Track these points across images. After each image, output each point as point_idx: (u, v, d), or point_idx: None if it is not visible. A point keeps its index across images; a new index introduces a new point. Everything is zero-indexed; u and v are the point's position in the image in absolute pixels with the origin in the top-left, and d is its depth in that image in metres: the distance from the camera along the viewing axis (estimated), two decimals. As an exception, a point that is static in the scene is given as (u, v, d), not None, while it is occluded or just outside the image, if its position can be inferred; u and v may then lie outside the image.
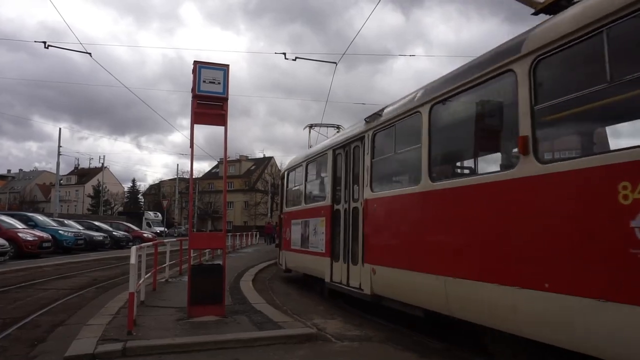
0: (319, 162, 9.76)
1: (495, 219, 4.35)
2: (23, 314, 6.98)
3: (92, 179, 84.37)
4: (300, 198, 10.69)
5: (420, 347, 5.42)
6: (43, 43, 14.67)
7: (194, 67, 6.52)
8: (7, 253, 15.41)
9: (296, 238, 10.41)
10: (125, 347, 4.85)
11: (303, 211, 10.14)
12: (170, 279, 10.27)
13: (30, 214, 25.43)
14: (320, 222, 8.93)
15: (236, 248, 24.42)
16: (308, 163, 10.31)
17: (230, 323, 6.14)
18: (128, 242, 26.37)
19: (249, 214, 71.34)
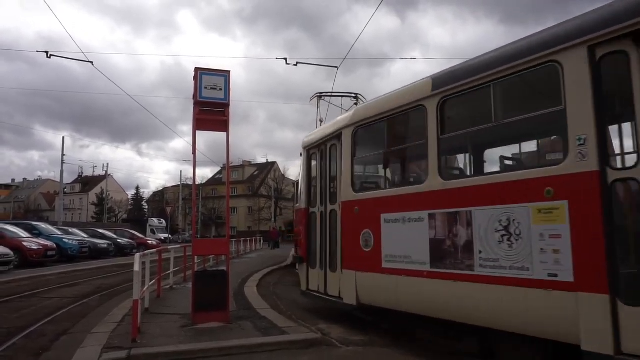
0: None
1: None
2: (28, 323, 6.98)
3: (95, 187, 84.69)
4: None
5: (425, 352, 5.39)
6: (45, 53, 14.78)
7: (195, 74, 6.53)
8: (12, 262, 15.44)
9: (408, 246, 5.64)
10: (129, 355, 4.84)
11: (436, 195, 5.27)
12: (174, 286, 10.25)
13: (34, 222, 25.53)
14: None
15: (240, 254, 24.40)
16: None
17: (234, 329, 6.12)
18: (132, 249, 26.40)
19: (253, 219, 71.39)
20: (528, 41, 4.52)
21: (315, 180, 7.95)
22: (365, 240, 6.25)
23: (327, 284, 7.30)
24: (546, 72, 4.24)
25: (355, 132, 6.69)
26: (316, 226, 7.73)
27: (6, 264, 15.01)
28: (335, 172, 7.35)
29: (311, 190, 8.16)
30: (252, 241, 30.63)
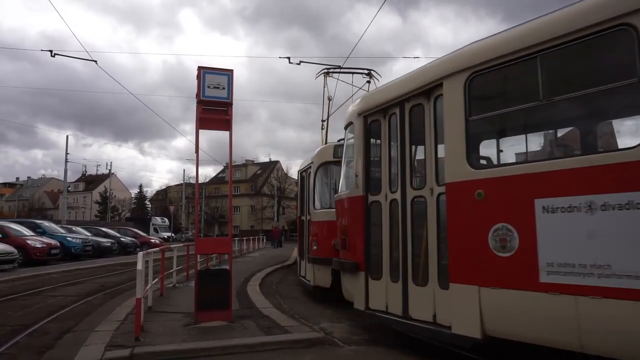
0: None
1: None
2: (31, 321, 7.01)
3: (99, 186, 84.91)
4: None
5: (427, 351, 5.37)
6: (50, 52, 14.85)
7: (198, 73, 6.54)
8: (16, 260, 15.49)
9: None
10: (132, 354, 4.85)
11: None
12: (177, 284, 10.27)
13: (38, 221, 25.62)
14: None
15: (243, 253, 24.43)
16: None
17: (237, 328, 6.13)
18: (135, 247, 26.44)
19: (256, 218, 71.44)
20: None
21: (382, 157, 6.01)
22: (501, 239, 4.27)
23: (410, 303, 5.34)
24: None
25: (471, 81, 4.70)
26: (383, 220, 5.82)
27: (10, 262, 15.06)
28: (419, 143, 5.58)
29: (370, 173, 6.25)
30: (254, 240, 30.64)
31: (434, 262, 5.01)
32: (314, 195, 9.28)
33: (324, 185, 9.32)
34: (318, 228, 8.92)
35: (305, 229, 10.02)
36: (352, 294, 6.40)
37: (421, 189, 5.34)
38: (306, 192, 10.05)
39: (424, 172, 5.43)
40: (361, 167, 6.27)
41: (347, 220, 6.52)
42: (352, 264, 6.27)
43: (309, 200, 9.73)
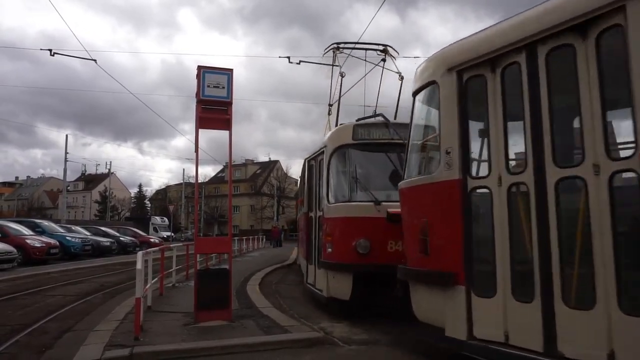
0: None
1: None
2: (31, 320, 7.00)
3: (99, 185, 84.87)
4: None
5: (428, 351, 5.37)
6: (49, 50, 14.82)
7: (198, 72, 6.53)
8: (15, 259, 15.48)
9: None
10: (132, 353, 4.85)
11: None
12: (177, 284, 10.26)
13: (37, 220, 25.60)
14: None
15: (242, 252, 24.42)
16: None
17: (237, 327, 6.13)
18: (135, 247, 26.42)
19: (256, 218, 71.46)
20: None
21: (490, 125, 4.42)
22: None
23: (558, 333, 3.68)
24: None
25: None
26: (496, 213, 4.25)
27: (9, 261, 15.05)
28: (563, 102, 4.06)
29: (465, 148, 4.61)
30: (254, 240, 30.64)
31: (607, 274, 3.37)
32: (327, 186, 7.64)
33: (340, 175, 7.68)
34: (334, 226, 7.30)
35: (315, 227, 8.49)
36: (440, 316, 4.66)
37: (575, 166, 3.74)
38: (315, 184, 8.55)
39: (578, 142, 3.82)
40: (456, 139, 4.55)
41: (429, 215, 4.80)
42: (440, 274, 4.60)
43: (319, 193, 8.21)
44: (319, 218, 8.10)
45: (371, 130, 7.63)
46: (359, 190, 7.26)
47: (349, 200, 7.26)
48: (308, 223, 9.12)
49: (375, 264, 6.63)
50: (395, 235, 6.38)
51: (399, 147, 7.00)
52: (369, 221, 6.88)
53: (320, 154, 8.30)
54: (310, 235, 8.92)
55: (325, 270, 7.44)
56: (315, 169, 8.72)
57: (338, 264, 7.06)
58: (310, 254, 8.89)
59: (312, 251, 8.62)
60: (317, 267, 8.13)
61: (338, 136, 7.87)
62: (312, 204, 8.88)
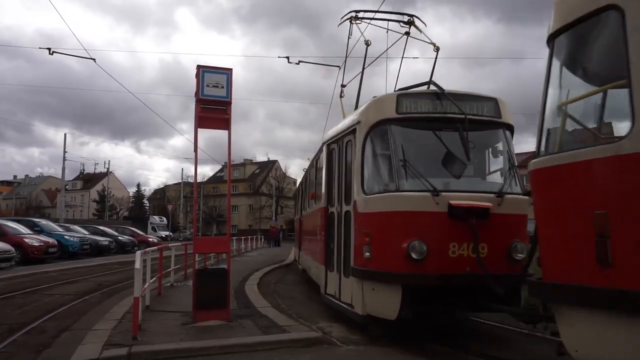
0: None
1: None
2: (29, 319, 6.99)
3: (97, 184, 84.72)
4: None
5: (425, 351, 5.38)
6: (48, 49, 14.78)
7: (197, 72, 6.52)
8: (13, 258, 15.46)
9: None
10: (130, 353, 4.84)
11: None
12: (175, 283, 10.25)
13: (36, 219, 25.56)
14: None
15: (241, 252, 24.41)
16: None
17: (235, 327, 6.12)
18: (133, 246, 26.40)
19: (254, 218, 71.44)
20: None
21: None
22: None
23: None
24: None
25: None
26: None
27: (7, 260, 15.03)
28: None
29: None
30: (253, 239, 30.63)
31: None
32: (361, 173, 6.09)
33: (381, 158, 6.13)
34: (375, 224, 5.76)
35: (338, 225, 6.95)
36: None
37: None
38: (340, 172, 7.04)
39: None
40: None
41: (611, 205, 3.26)
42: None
43: (346, 182, 6.74)
44: (346, 214, 6.64)
45: (420, 102, 6.04)
46: (409, 177, 5.63)
47: (397, 190, 5.62)
48: (327, 220, 7.47)
49: (433, 274, 5.24)
50: (458, 235, 5.27)
51: (456, 124, 5.76)
52: (424, 217, 5.39)
53: (348, 134, 6.70)
54: (329, 235, 7.34)
55: (359, 280, 5.89)
56: (339, 154, 7.13)
57: (381, 272, 5.53)
58: (329, 259, 7.32)
59: (334, 255, 7.04)
60: (342, 275, 6.65)
61: (377, 109, 6.16)
62: (332, 196, 7.28)
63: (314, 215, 9.17)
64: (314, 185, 9.82)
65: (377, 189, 5.99)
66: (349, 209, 6.52)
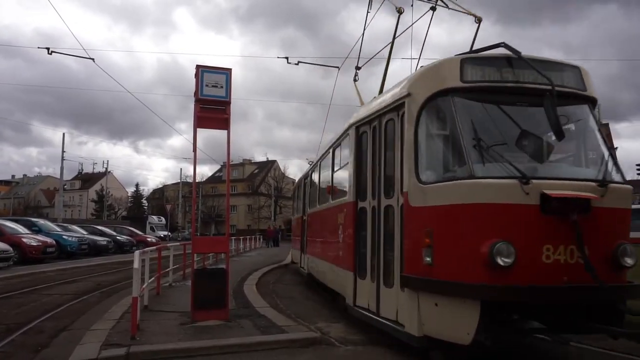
0: None
1: None
2: (27, 319, 6.97)
3: (95, 184, 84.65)
4: None
5: (425, 352, 5.37)
6: (47, 49, 14.76)
7: (197, 71, 6.52)
8: (11, 258, 15.42)
9: None
10: (128, 353, 4.84)
11: None
12: (173, 283, 10.25)
13: (34, 219, 25.52)
14: None
15: (240, 252, 24.40)
16: None
17: (234, 327, 6.12)
18: (132, 246, 26.38)
19: (253, 218, 71.45)
20: None
21: None
22: None
23: None
24: None
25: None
26: None
27: (5, 260, 14.99)
28: None
29: None
30: (251, 239, 30.62)
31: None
32: (415, 158, 4.86)
33: (441, 138, 5.04)
34: (439, 221, 4.56)
35: (372, 224, 5.89)
36: None
37: None
38: (373, 159, 5.97)
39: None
40: None
41: None
42: None
43: (385, 171, 5.67)
44: (387, 209, 5.54)
45: (489, 68, 4.83)
46: (485, 160, 4.46)
47: (471, 177, 4.33)
48: (355, 218, 6.39)
49: (522, 286, 4.08)
50: (553, 235, 4.17)
51: (537, 96, 4.52)
52: (510, 211, 4.20)
53: (388, 111, 5.61)
54: (360, 235, 6.27)
55: (414, 292, 4.73)
56: (375, 137, 5.99)
57: (450, 283, 4.33)
58: (360, 264, 6.22)
59: (367, 259, 5.97)
60: (382, 284, 5.56)
61: (435, 78, 4.94)
62: (364, 189, 6.19)
63: (331, 213, 7.91)
64: (329, 178, 8.56)
65: (439, 176, 4.76)
66: (390, 203, 5.43)
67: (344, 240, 6.89)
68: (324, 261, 8.89)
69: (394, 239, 5.30)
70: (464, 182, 4.37)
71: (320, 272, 9.38)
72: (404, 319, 4.95)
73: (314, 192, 10.97)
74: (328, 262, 8.31)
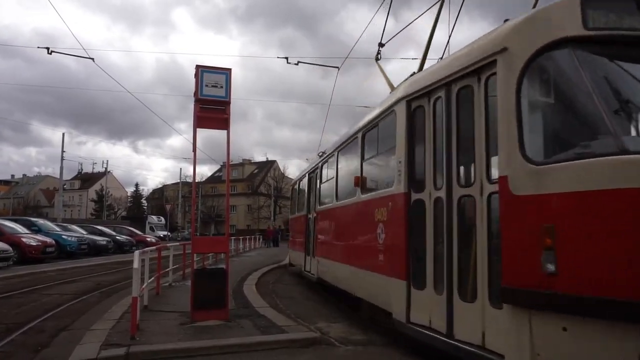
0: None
1: None
2: (27, 319, 6.97)
3: (95, 184, 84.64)
4: None
5: (425, 351, 5.37)
6: (46, 49, 14.76)
7: (196, 71, 6.52)
8: (11, 258, 15.43)
9: None
10: (128, 352, 4.84)
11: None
12: (173, 283, 10.25)
13: (33, 218, 25.51)
14: None
15: (239, 252, 24.40)
16: None
17: (233, 327, 6.12)
18: (131, 246, 26.39)
19: (252, 218, 71.45)
20: None
21: None
22: None
23: None
24: None
25: None
26: None
27: (5, 259, 14.99)
28: None
29: None
30: (251, 239, 30.62)
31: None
32: (518, 131, 3.73)
33: (552, 106, 3.91)
34: (568, 213, 3.38)
35: (439, 220, 4.69)
36: None
37: None
38: (434, 139, 4.87)
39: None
40: None
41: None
42: None
43: (459, 152, 4.53)
44: (462, 200, 4.41)
45: (618, 12, 3.71)
46: (634, 130, 3.64)
47: (623, 151, 3.21)
48: (409, 213, 5.14)
49: None
50: None
51: None
52: None
53: (463, 77, 4.45)
54: (416, 234, 5.03)
55: (524, 311, 3.56)
56: (435, 112, 4.92)
57: (596, 300, 3.14)
58: (417, 270, 4.98)
59: (428, 265, 4.80)
60: (458, 297, 4.34)
61: (545, 24, 3.79)
62: (422, 177, 5.05)
63: (363, 208, 6.77)
64: (355, 168, 7.29)
65: (561, 154, 3.60)
66: (469, 193, 4.32)
67: (389, 240, 5.64)
68: (347, 265, 7.49)
69: (475, 239, 4.17)
70: (611, 159, 3.20)
71: (340, 278, 7.97)
72: (503, 347, 3.72)
73: (328, 186, 9.60)
74: (355, 267, 7.02)
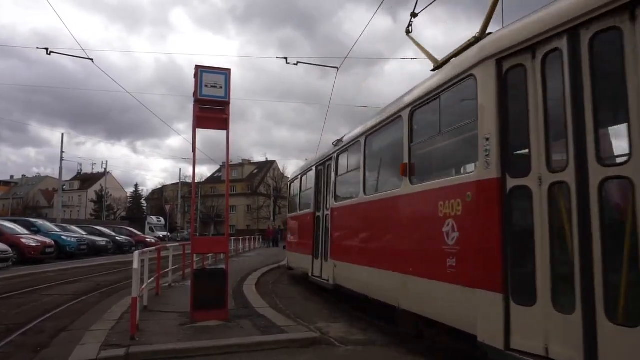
0: None
1: None
2: (26, 319, 6.97)
3: (94, 184, 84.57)
4: None
5: (425, 351, 5.38)
6: (45, 49, 14.74)
7: (196, 72, 6.52)
8: (10, 259, 15.41)
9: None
10: (128, 353, 4.84)
11: None
12: (173, 284, 10.24)
13: (33, 219, 25.49)
14: None
15: (239, 252, 24.40)
16: None
17: (233, 327, 6.12)
18: (131, 247, 26.38)
19: (252, 218, 71.41)
20: None
21: None
22: None
23: None
24: None
25: None
26: None
27: (4, 260, 14.98)
28: None
29: None
30: (251, 240, 30.61)
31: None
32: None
33: None
34: None
35: (549, 215, 3.53)
36: None
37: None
38: (545, 106, 3.66)
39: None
40: None
41: None
42: None
43: (596, 122, 3.23)
44: (607, 185, 3.17)
45: None
46: None
47: None
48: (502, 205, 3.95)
49: None
50: None
51: None
52: None
53: (591, 21, 3.26)
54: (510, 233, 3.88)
55: None
56: (544, 73, 3.70)
57: None
58: (521, 281, 3.76)
59: (539, 275, 3.56)
60: (608, 320, 3.04)
61: None
62: (528, 156, 3.79)
63: (415, 201, 5.49)
64: (398, 154, 5.96)
65: None
66: (620, 173, 3.12)
67: (468, 241, 4.39)
68: (385, 272, 6.23)
69: (631, 239, 3.00)
70: None
71: (374, 286, 6.70)
72: None
73: (349, 178, 8.40)
74: (402, 274, 5.66)
